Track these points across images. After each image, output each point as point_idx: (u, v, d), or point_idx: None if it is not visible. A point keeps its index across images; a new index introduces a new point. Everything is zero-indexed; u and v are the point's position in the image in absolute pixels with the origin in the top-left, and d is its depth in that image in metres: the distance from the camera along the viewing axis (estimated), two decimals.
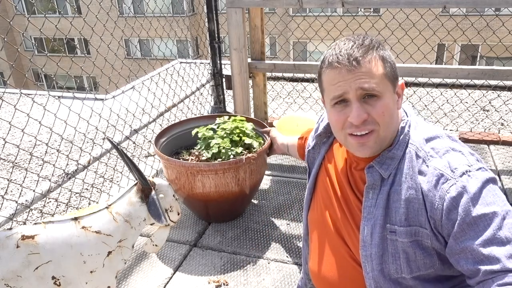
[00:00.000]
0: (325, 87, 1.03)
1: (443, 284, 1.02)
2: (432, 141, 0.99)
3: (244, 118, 2.24)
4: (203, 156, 2.11)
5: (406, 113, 1.06)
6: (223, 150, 2.04)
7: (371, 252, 1.03)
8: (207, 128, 2.18)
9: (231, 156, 2.03)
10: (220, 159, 2.04)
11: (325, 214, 1.18)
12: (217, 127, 2.17)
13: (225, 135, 2.10)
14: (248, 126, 2.17)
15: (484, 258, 0.86)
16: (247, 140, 2.09)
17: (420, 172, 0.96)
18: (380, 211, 1.01)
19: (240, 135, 2.12)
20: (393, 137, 1.02)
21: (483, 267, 0.85)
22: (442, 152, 0.96)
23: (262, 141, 2.21)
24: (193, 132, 2.22)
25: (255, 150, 2.08)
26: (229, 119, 2.23)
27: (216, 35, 3.07)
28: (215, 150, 2.04)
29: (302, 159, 1.62)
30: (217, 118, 2.25)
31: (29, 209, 1.77)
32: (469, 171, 0.91)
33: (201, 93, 3.49)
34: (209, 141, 2.12)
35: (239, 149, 2.06)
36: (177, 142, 2.35)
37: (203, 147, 2.14)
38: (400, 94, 1.02)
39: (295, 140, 1.70)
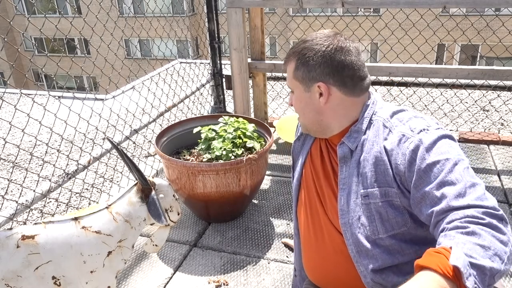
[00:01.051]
0: None
1: (420, 246, 1.07)
2: (398, 114, 1.10)
3: (246, 120, 2.24)
4: (203, 156, 2.12)
5: (371, 93, 1.18)
6: (224, 152, 2.04)
7: (348, 218, 1.11)
8: (209, 129, 2.18)
9: (232, 157, 2.03)
10: (221, 160, 2.04)
11: (313, 200, 1.24)
12: (219, 129, 2.17)
13: (227, 137, 2.10)
14: (250, 128, 2.17)
15: (437, 200, 0.92)
16: (249, 143, 2.10)
17: (385, 139, 1.06)
18: (352, 179, 1.11)
19: (242, 136, 2.12)
20: (347, 119, 1.14)
21: (435, 208, 0.92)
22: (405, 120, 1.07)
23: (264, 142, 2.21)
24: (195, 130, 2.22)
25: (256, 151, 2.08)
26: (230, 119, 2.23)
27: (216, 35, 3.07)
28: (218, 152, 2.04)
29: None
30: (220, 119, 2.25)
31: (29, 209, 1.77)
32: (426, 129, 1.01)
33: (201, 93, 3.49)
34: (211, 142, 2.12)
35: (240, 151, 2.06)
36: (178, 142, 2.35)
37: (204, 148, 2.14)
38: (323, 94, 1.11)
39: None
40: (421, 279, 0.77)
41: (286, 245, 2.04)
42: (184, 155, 2.25)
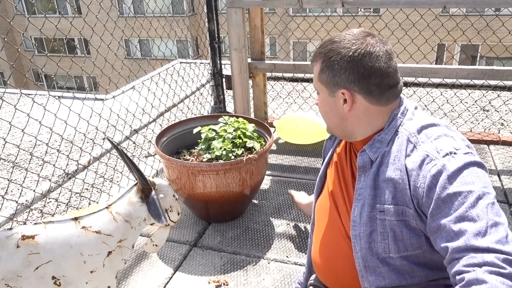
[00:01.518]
0: None
1: (432, 271, 1.04)
2: (428, 128, 1.02)
3: (246, 120, 2.24)
4: (203, 156, 2.12)
5: (403, 100, 1.10)
6: (224, 152, 2.04)
7: (360, 231, 1.07)
8: (209, 129, 2.18)
9: (232, 157, 2.03)
10: (221, 160, 2.04)
11: (330, 201, 1.22)
12: (220, 129, 2.17)
13: (227, 137, 2.10)
14: (250, 128, 2.17)
15: (454, 235, 0.87)
16: (249, 143, 2.10)
17: (408, 155, 1.00)
18: (368, 191, 1.06)
19: (242, 136, 2.12)
20: (371, 127, 1.08)
21: (451, 244, 0.86)
22: (433, 138, 0.99)
23: (264, 142, 2.21)
24: (195, 130, 2.22)
25: (256, 151, 2.08)
26: (230, 119, 2.23)
27: (216, 35, 3.07)
28: (218, 152, 2.04)
29: None
30: (220, 119, 2.25)
31: (29, 209, 1.77)
32: (454, 153, 0.93)
33: (201, 93, 3.49)
34: (211, 142, 2.12)
35: (240, 151, 2.06)
36: (178, 142, 2.35)
37: (204, 148, 2.14)
38: (347, 101, 1.06)
39: None
40: None
41: (291, 195, 2.07)
42: (184, 155, 2.25)
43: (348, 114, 1.08)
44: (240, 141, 2.10)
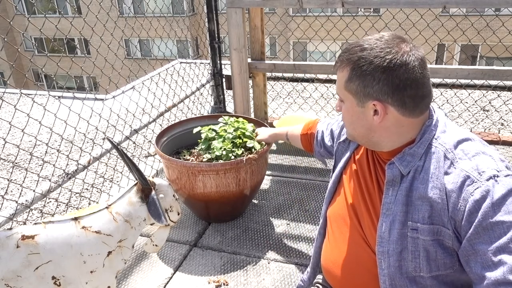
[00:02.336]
0: None
1: None
2: (463, 144, 0.98)
3: (245, 120, 2.24)
4: (203, 156, 2.12)
5: (433, 110, 1.05)
6: (224, 152, 2.04)
7: (389, 248, 1.02)
8: (209, 129, 2.18)
9: (232, 157, 2.03)
10: (221, 160, 2.04)
11: (350, 211, 1.18)
12: (220, 129, 2.17)
13: (227, 137, 2.10)
14: (249, 128, 2.17)
15: (492, 264, 0.85)
16: (249, 143, 2.09)
17: (446, 173, 0.95)
18: (399, 208, 1.00)
19: (242, 136, 2.12)
20: (400, 138, 1.03)
21: (488, 274, 0.85)
22: (471, 155, 0.94)
23: (264, 142, 2.21)
24: (195, 130, 2.22)
25: (255, 151, 2.08)
26: (230, 119, 2.22)
27: (216, 35, 3.07)
28: (218, 152, 2.04)
29: (308, 151, 1.73)
30: (220, 119, 2.25)
31: (29, 209, 1.77)
32: (497, 176, 0.89)
33: (201, 93, 3.49)
34: (211, 142, 2.12)
35: (240, 151, 2.06)
36: (178, 141, 2.35)
37: (204, 148, 2.14)
38: (379, 113, 0.99)
39: (297, 132, 1.80)
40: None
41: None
42: (184, 155, 2.25)
43: (378, 126, 1.01)
44: (240, 141, 2.10)
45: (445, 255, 0.98)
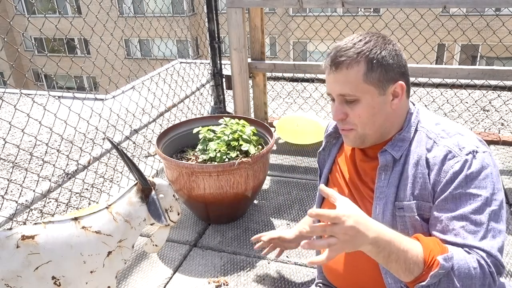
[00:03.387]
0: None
1: None
2: (442, 124, 1.06)
3: (246, 122, 2.23)
4: (200, 157, 2.12)
5: (412, 103, 1.14)
6: (218, 154, 2.03)
7: None
8: (208, 129, 2.18)
9: (226, 160, 2.02)
10: (215, 162, 2.03)
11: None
12: (219, 130, 2.16)
13: (223, 139, 2.09)
14: (247, 131, 2.15)
15: (451, 230, 0.94)
16: (244, 146, 2.07)
17: (429, 150, 1.02)
18: (392, 190, 1.06)
19: (239, 139, 2.11)
20: (395, 126, 1.09)
21: (445, 237, 0.94)
22: (452, 134, 1.02)
23: (261, 146, 2.20)
24: (195, 130, 2.22)
25: (250, 155, 2.06)
26: (231, 121, 2.22)
27: (216, 35, 3.07)
28: (212, 154, 2.03)
29: None
30: (220, 120, 2.24)
31: (29, 209, 1.77)
32: (476, 152, 0.97)
33: (201, 93, 3.49)
34: (207, 143, 2.12)
35: (235, 154, 2.05)
36: (184, 140, 2.35)
37: (201, 149, 2.14)
38: (399, 94, 1.05)
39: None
40: (409, 244, 0.89)
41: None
42: (189, 154, 2.25)
43: (392, 111, 1.06)
44: (236, 143, 2.08)
45: (427, 226, 1.04)
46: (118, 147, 1.37)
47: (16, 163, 3.13)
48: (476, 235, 0.91)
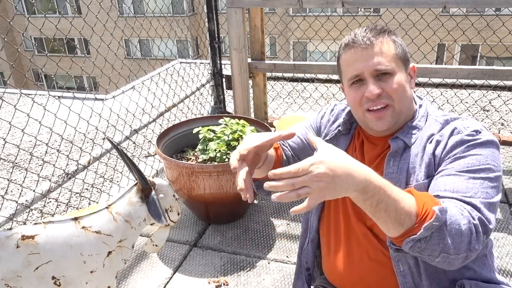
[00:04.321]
0: (343, 69, 1.11)
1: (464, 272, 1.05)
2: (448, 115, 1.09)
3: (246, 122, 2.23)
4: (200, 157, 2.12)
5: (419, 97, 1.17)
6: (218, 154, 2.03)
7: None
8: (208, 129, 2.18)
9: (226, 160, 2.02)
10: (215, 162, 2.03)
11: (346, 206, 1.18)
12: (219, 130, 2.16)
13: (223, 139, 2.08)
14: (247, 131, 2.15)
15: (444, 184, 0.94)
16: None
17: (438, 131, 1.05)
18: (403, 174, 1.05)
19: (239, 139, 2.11)
20: (410, 113, 1.11)
21: (439, 193, 0.94)
22: (459, 119, 1.06)
23: None
24: (195, 130, 2.22)
25: None
26: (231, 121, 2.22)
27: (216, 35, 3.07)
28: (212, 154, 2.03)
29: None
30: (220, 120, 2.24)
31: (29, 209, 1.77)
32: (479, 131, 1.00)
33: (201, 93, 3.49)
34: (207, 143, 2.12)
35: None
36: (184, 140, 2.35)
37: (201, 149, 2.14)
38: (412, 76, 1.11)
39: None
40: (401, 194, 0.85)
41: None
42: (189, 154, 2.25)
43: (410, 92, 1.10)
44: (236, 143, 2.09)
45: None
46: (118, 147, 1.37)
47: (16, 163, 3.13)
48: (465, 192, 0.91)
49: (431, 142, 1.03)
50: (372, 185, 0.82)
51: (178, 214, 1.49)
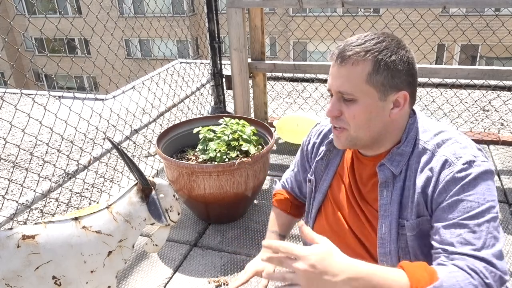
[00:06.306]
0: None
1: None
2: (441, 134, 1.01)
3: (246, 122, 2.23)
4: (200, 157, 2.12)
5: (413, 111, 1.08)
6: (219, 154, 2.03)
7: (390, 249, 1.04)
8: (208, 129, 2.18)
9: (226, 160, 2.02)
10: (215, 162, 2.04)
11: (341, 221, 1.17)
12: (219, 130, 2.16)
13: (223, 140, 2.09)
14: (247, 131, 2.15)
15: (448, 239, 0.90)
16: (244, 146, 2.07)
17: (428, 163, 0.98)
18: (395, 207, 1.02)
19: (239, 139, 2.11)
20: (395, 138, 1.04)
21: (444, 247, 0.90)
22: (450, 142, 0.98)
23: (261, 146, 2.20)
24: (195, 130, 2.22)
25: (250, 155, 2.06)
26: (231, 121, 2.22)
27: (216, 35, 3.07)
28: (212, 154, 2.04)
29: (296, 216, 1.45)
30: (220, 120, 2.25)
31: (29, 209, 1.77)
32: (473, 162, 0.93)
33: (201, 93, 3.49)
34: (207, 143, 2.12)
35: (235, 154, 2.05)
36: (184, 140, 2.36)
37: (201, 149, 2.14)
38: (400, 105, 0.99)
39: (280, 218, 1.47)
40: (392, 277, 0.82)
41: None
42: (189, 154, 2.26)
43: (391, 121, 1.00)
44: (236, 143, 2.09)
45: (426, 242, 1.00)
46: (119, 147, 1.37)
47: (16, 163, 3.13)
48: (474, 243, 0.87)
49: (420, 175, 0.98)
50: (361, 278, 0.82)
51: (178, 214, 1.50)
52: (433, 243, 0.93)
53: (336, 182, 1.19)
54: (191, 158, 2.21)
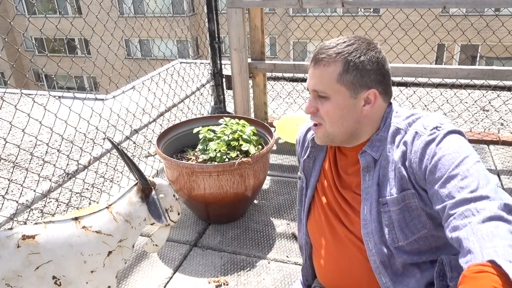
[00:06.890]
0: None
1: (445, 249, 1.07)
2: (411, 116, 1.10)
3: (246, 122, 2.23)
4: (200, 157, 2.12)
5: (390, 103, 1.16)
6: (219, 154, 2.03)
7: (372, 228, 1.09)
8: (208, 129, 2.18)
9: (226, 160, 2.02)
10: (215, 162, 2.04)
11: (327, 215, 1.22)
12: (219, 130, 2.16)
13: (223, 140, 2.09)
14: (247, 131, 2.15)
15: (448, 193, 0.92)
16: (244, 146, 2.07)
17: (401, 139, 1.06)
18: (374, 188, 1.09)
19: (239, 139, 2.11)
20: (373, 127, 1.12)
21: (445, 203, 0.91)
22: (420, 120, 1.07)
23: (261, 146, 2.20)
24: (195, 130, 2.22)
25: (250, 155, 2.06)
26: (231, 121, 2.22)
27: (216, 35, 3.07)
28: (212, 154, 2.04)
29: None
30: (220, 120, 2.25)
31: (29, 209, 1.78)
32: (439, 127, 1.01)
33: (201, 93, 3.49)
34: (207, 143, 2.12)
35: (235, 153, 2.05)
36: (184, 140, 2.36)
37: (201, 149, 2.14)
38: (371, 101, 1.08)
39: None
40: None
41: (294, 235, 2.05)
42: (189, 154, 2.26)
43: (364, 116, 1.09)
44: (236, 143, 2.09)
45: (413, 217, 1.05)
46: (119, 147, 1.37)
47: (16, 163, 3.13)
48: (469, 185, 0.89)
49: (396, 150, 1.05)
50: None
51: (178, 214, 1.50)
52: (438, 208, 0.94)
53: (323, 175, 1.27)
54: (191, 158, 2.21)
